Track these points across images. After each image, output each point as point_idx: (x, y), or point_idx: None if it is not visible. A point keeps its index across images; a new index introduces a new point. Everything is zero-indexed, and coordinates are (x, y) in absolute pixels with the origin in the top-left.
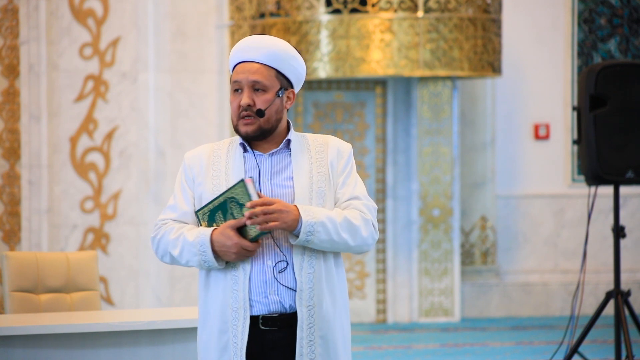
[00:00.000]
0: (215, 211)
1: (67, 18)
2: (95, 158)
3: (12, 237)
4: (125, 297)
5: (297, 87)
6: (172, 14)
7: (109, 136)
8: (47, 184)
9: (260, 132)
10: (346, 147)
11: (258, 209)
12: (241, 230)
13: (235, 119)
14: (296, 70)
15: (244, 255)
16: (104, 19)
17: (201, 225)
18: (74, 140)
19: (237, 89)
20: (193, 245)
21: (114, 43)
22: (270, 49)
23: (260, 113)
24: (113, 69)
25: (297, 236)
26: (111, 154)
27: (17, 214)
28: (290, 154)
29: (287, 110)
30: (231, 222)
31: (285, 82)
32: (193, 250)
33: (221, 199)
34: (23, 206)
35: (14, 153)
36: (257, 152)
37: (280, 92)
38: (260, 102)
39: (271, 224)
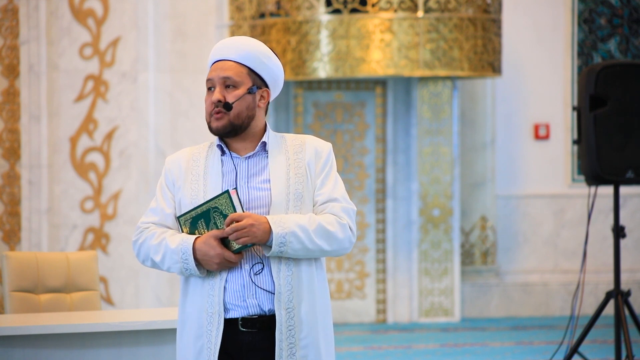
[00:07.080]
0: (198, 219)
1: (67, 18)
2: (95, 158)
3: (12, 237)
4: (125, 297)
5: (274, 87)
6: (172, 14)
7: (109, 136)
8: (47, 184)
9: (231, 127)
10: (325, 147)
11: (227, 228)
12: (224, 241)
13: (207, 117)
14: (270, 69)
15: (226, 266)
16: (104, 19)
17: (182, 231)
18: (74, 140)
19: (210, 87)
20: (175, 253)
21: (114, 43)
22: (242, 47)
23: (227, 106)
24: (113, 69)
25: (271, 247)
26: (111, 154)
27: (17, 214)
28: (267, 156)
29: (265, 110)
30: (215, 232)
31: (259, 81)
32: (175, 258)
33: (204, 208)
34: (23, 206)
35: (14, 153)
36: (234, 155)
37: (252, 89)
38: (230, 97)
39: (242, 239)
